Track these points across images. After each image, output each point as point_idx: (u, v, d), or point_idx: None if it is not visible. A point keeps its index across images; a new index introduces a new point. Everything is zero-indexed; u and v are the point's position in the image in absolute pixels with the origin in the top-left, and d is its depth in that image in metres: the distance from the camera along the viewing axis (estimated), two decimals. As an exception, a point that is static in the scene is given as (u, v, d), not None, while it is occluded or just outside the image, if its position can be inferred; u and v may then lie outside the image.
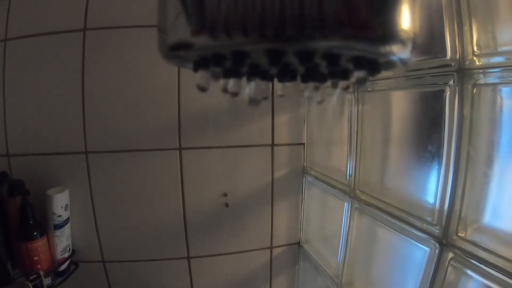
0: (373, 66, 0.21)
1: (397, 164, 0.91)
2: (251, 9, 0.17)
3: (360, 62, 0.21)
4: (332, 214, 1.17)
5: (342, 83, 0.25)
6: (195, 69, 0.24)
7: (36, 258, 1.10)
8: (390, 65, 0.22)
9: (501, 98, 0.62)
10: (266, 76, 0.23)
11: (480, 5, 0.65)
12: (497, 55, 0.63)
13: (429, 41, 0.76)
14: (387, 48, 0.19)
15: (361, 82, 0.25)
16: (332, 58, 0.20)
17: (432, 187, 0.74)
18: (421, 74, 0.78)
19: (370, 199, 0.95)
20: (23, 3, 1.18)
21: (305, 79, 0.23)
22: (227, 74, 0.22)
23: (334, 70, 0.22)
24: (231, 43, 0.18)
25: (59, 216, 1.15)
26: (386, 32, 0.19)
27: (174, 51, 0.22)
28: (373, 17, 0.19)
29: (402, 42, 0.20)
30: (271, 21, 0.17)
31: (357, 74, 0.23)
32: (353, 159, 1.02)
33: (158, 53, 0.27)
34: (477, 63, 0.65)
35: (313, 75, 0.22)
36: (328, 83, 0.24)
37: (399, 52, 0.20)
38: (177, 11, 0.21)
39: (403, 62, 0.22)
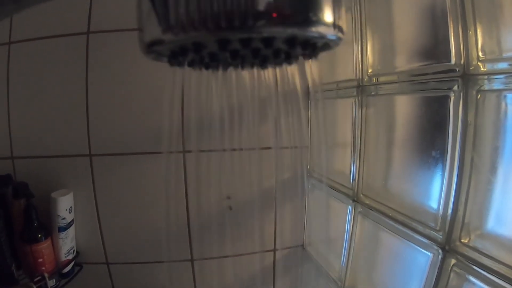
0: (307, 45, 0.27)
1: (400, 168, 0.91)
2: (202, 9, 0.22)
3: (294, 44, 0.25)
4: (336, 217, 1.16)
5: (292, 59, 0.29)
6: (169, 62, 0.30)
7: (40, 260, 1.10)
8: (318, 43, 0.28)
9: (506, 105, 0.62)
10: (226, 64, 0.28)
11: (485, 10, 0.65)
12: (502, 60, 0.62)
13: (434, 46, 0.77)
14: (311, 30, 0.24)
15: (306, 57, 0.30)
16: (268, 41, 0.24)
17: (435, 193, 0.74)
18: (425, 79, 0.78)
19: (373, 203, 0.95)
20: (27, 6, 1.19)
21: (259, 64, 0.28)
22: (192, 64, 0.29)
23: (276, 52, 0.27)
24: (190, 37, 0.23)
25: (64, 218, 1.15)
26: (308, 18, 0.23)
27: (150, 47, 0.27)
28: (297, 8, 0.23)
29: (324, 25, 0.24)
30: (216, 17, 0.22)
31: (299, 52, 0.28)
32: (356, 163, 1.02)
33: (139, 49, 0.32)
34: (482, 69, 0.64)
35: (263, 60, 0.28)
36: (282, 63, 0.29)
37: (324, 32, 0.25)
38: (149, 13, 0.26)
39: (329, 40, 0.27)
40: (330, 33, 0.25)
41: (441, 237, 0.71)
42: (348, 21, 1.05)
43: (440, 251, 0.71)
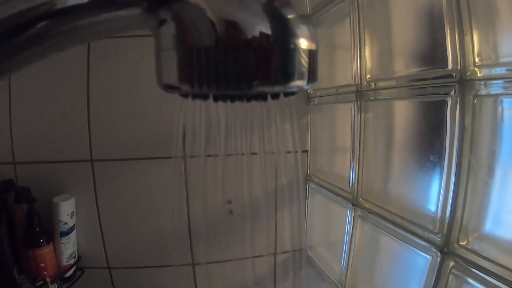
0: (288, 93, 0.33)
1: (399, 172, 0.92)
2: (213, 72, 0.28)
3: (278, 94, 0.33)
4: (336, 221, 1.17)
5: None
6: (180, 95, 0.34)
7: (42, 264, 1.11)
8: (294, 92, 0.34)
9: (502, 109, 0.63)
10: (224, 100, 0.34)
11: (481, 16, 0.66)
12: (498, 66, 0.63)
13: (431, 51, 0.77)
14: (290, 86, 0.31)
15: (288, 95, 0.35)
16: (261, 95, 0.32)
17: (433, 196, 0.74)
18: (423, 84, 0.79)
19: (372, 207, 0.96)
20: None
21: (250, 101, 0.34)
22: (201, 99, 0.34)
23: (265, 97, 0.33)
24: (202, 91, 0.29)
25: (65, 223, 1.16)
26: (289, 79, 0.30)
27: (167, 88, 0.32)
28: (279, 72, 0.30)
29: (301, 80, 0.31)
30: (223, 79, 0.28)
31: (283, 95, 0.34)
32: (356, 167, 1.03)
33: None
34: (479, 74, 0.65)
35: (255, 98, 0.34)
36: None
37: (301, 85, 0.32)
38: (170, 65, 0.31)
39: (304, 89, 0.33)
40: (305, 85, 0.32)
41: (439, 239, 0.72)
42: (346, 27, 1.06)
43: (438, 253, 0.72)
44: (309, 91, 1.33)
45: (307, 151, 1.37)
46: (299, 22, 0.30)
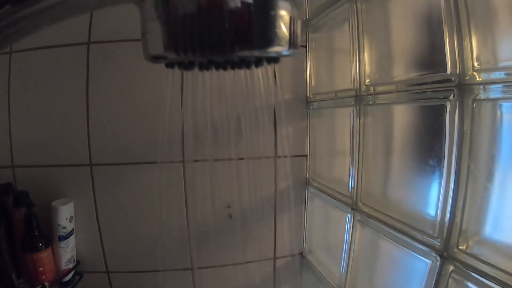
0: (270, 59, 0.35)
1: (398, 177, 0.92)
2: (197, 38, 0.29)
3: (261, 59, 0.34)
4: (335, 225, 1.17)
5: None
6: (166, 66, 0.35)
7: (41, 269, 1.11)
8: (277, 57, 0.35)
9: (501, 113, 0.63)
10: (209, 68, 0.34)
11: (480, 21, 0.66)
12: (497, 70, 0.63)
13: (430, 56, 0.78)
14: (270, 50, 0.32)
15: (271, 63, 0.37)
16: (244, 60, 0.33)
17: (433, 201, 0.75)
18: (422, 89, 0.79)
19: (372, 211, 0.96)
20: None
21: (234, 68, 0.35)
22: (187, 68, 0.34)
23: (248, 63, 0.34)
24: (187, 57, 0.31)
25: (64, 227, 1.16)
26: (268, 43, 0.32)
27: (154, 59, 0.33)
28: (259, 36, 0.31)
29: (280, 46, 0.32)
30: (207, 44, 0.30)
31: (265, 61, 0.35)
32: (355, 172, 1.03)
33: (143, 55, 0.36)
34: (477, 79, 0.65)
35: (239, 66, 0.35)
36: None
37: (281, 51, 0.33)
38: (155, 35, 0.32)
39: (286, 55, 0.34)
40: (285, 51, 0.33)
41: (439, 244, 0.72)
42: (345, 31, 1.06)
43: (438, 258, 0.72)
44: (308, 95, 1.33)
45: (306, 155, 1.37)
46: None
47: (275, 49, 0.32)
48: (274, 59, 0.35)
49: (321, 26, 1.27)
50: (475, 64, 0.66)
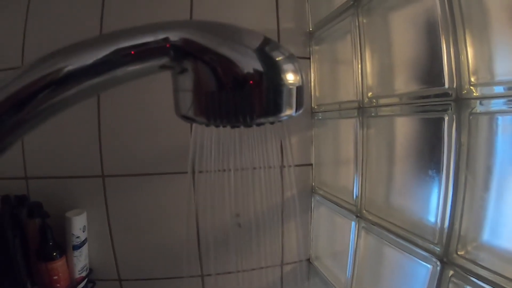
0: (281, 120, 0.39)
1: (400, 186, 0.94)
2: (222, 110, 0.35)
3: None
4: (340, 232, 1.19)
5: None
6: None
7: (55, 277, 1.14)
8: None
9: (497, 126, 0.66)
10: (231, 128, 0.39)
11: (477, 36, 0.68)
12: (493, 84, 0.66)
13: (429, 71, 0.80)
14: (282, 115, 0.37)
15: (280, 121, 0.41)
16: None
17: (433, 209, 0.77)
18: (422, 102, 0.82)
19: (376, 218, 0.98)
20: (38, 29, 1.23)
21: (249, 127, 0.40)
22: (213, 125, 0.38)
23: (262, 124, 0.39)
24: (214, 124, 0.36)
25: (78, 237, 1.19)
26: (280, 111, 0.37)
27: (184, 118, 0.38)
28: (272, 106, 0.36)
29: (290, 110, 0.38)
30: (231, 115, 0.35)
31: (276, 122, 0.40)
32: (359, 180, 1.06)
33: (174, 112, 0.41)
34: (474, 93, 0.68)
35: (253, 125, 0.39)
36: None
37: (290, 114, 0.38)
38: (187, 101, 0.37)
39: (294, 116, 0.39)
40: (294, 113, 0.38)
41: (439, 249, 0.75)
42: (347, 44, 1.09)
43: (438, 263, 0.74)
44: (313, 106, 1.36)
45: (312, 164, 1.39)
46: (286, 62, 0.37)
47: (285, 114, 0.37)
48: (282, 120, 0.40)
49: (324, 39, 1.30)
50: (472, 79, 0.68)
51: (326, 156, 1.33)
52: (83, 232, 1.22)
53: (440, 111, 0.75)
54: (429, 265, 0.78)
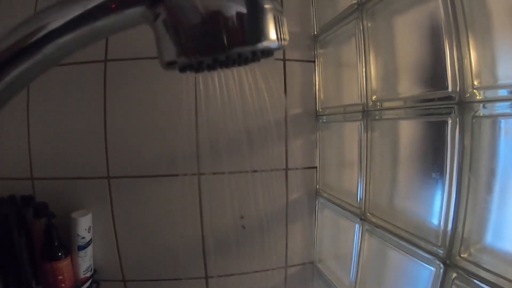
0: (263, 52, 0.40)
1: (404, 189, 0.95)
2: (202, 43, 0.36)
3: (256, 53, 0.39)
4: (344, 235, 1.20)
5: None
6: (180, 71, 0.40)
7: (60, 277, 1.15)
8: (270, 52, 0.41)
9: (500, 129, 0.66)
10: (215, 67, 0.40)
11: (480, 40, 0.69)
12: (496, 88, 0.66)
13: (432, 74, 0.81)
14: (263, 45, 0.38)
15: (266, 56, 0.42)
16: (242, 56, 0.39)
17: (436, 211, 0.77)
18: (425, 106, 0.83)
19: (379, 221, 0.99)
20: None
21: (235, 64, 0.41)
22: (197, 70, 0.40)
23: (246, 58, 0.40)
24: (196, 58, 0.37)
25: (83, 237, 1.20)
26: (259, 39, 0.37)
27: (168, 65, 0.39)
28: (251, 34, 0.37)
29: (270, 40, 0.38)
30: (209, 46, 0.36)
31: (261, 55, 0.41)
32: (363, 183, 1.06)
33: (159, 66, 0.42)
34: (478, 97, 0.68)
35: (239, 62, 0.41)
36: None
37: (271, 45, 0.38)
38: (167, 46, 0.38)
39: (276, 48, 0.40)
40: (274, 44, 0.39)
41: (442, 252, 0.75)
42: (352, 47, 1.10)
43: (441, 265, 0.74)
44: (318, 109, 1.37)
45: (316, 167, 1.40)
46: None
47: (264, 44, 0.38)
48: (267, 53, 0.41)
49: (329, 42, 1.30)
50: (475, 82, 0.69)
51: (331, 159, 1.34)
52: (88, 232, 1.22)
53: (443, 114, 0.75)
54: (432, 268, 0.78)
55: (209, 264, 1.34)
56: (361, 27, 1.04)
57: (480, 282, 0.65)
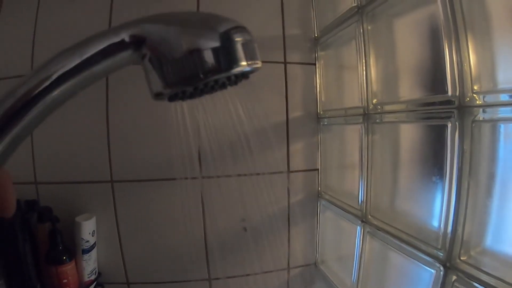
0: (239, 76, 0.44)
1: (404, 191, 0.95)
2: (181, 75, 0.39)
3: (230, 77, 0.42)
4: (346, 236, 1.20)
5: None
6: (169, 100, 0.44)
7: (65, 280, 1.16)
8: (245, 75, 0.44)
9: (499, 133, 0.67)
10: (198, 94, 0.43)
11: (479, 45, 0.69)
12: (496, 92, 0.67)
13: (432, 78, 0.81)
14: (235, 71, 0.40)
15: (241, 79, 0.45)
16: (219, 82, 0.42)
17: (436, 214, 0.78)
18: (425, 110, 0.83)
19: (380, 224, 0.99)
20: (47, 40, 1.25)
21: (214, 90, 0.44)
22: (183, 98, 0.43)
23: (223, 83, 0.43)
24: (178, 89, 0.40)
25: (87, 241, 1.21)
26: (232, 66, 0.40)
27: (156, 96, 0.42)
28: (223, 62, 0.39)
29: (242, 66, 0.40)
30: (190, 76, 0.39)
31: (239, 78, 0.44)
32: (364, 186, 1.07)
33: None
34: (477, 101, 0.69)
35: (217, 87, 0.44)
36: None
37: (243, 69, 0.41)
38: (154, 80, 0.41)
39: (250, 71, 0.43)
40: (247, 68, 0.41)
41: (442, 254, 0.76)
42: (352, 50, 1.10)
43: (441, 268, 0.75)
44: (319, 111, 1.38)
45: (318, 169, 1.40)
46: (228, 23, 0.42)
47: (236, 70, 0.41)
48: (242, 76, 0.44)
49: (329, 44, 1.31)
50: (475, 87, 0.69)
51: (332, 161, 1.34)
52: (92, 236, 1.23)
53: (443, 118, 0.76)
54: (432, 270, 0.79)
55: (212, 266, 1.34)
56: (361, 30, 1.05)
57: (480, 285, 0.66)
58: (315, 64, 1.38)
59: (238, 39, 0.41)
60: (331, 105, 1.32)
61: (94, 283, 1.26)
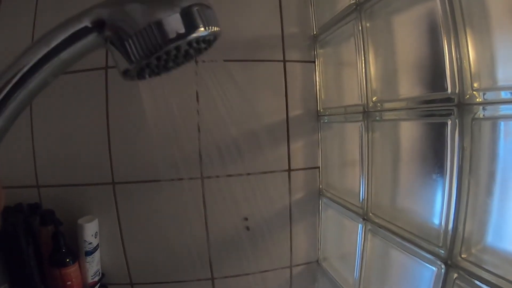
0: (199, 42, 0.44)
1: (405, 189, 0.95)
2: (142, 46, 0.40)
3: (191, 44, 0.43)
4: (348, 234, 1.21)
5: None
6: (138, 78, 0.48)
7: (69, 282, 1.16)
8: (206, 41, 0.46)
9: (499, 131, 0.67)
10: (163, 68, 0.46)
11: (479, 42, 0.69)
12: (496, 89, 0.67)
13: (432, 76, 0.81)
14: (192, 36, 0.41)
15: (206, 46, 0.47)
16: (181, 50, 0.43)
17: (437, 212, 0.78)
18: (425, 107, 0.83)
19: (382, 221, 1.00)
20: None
21: (179, 59, 0.46)
22: (151, 74, 0.47)
23: (186, 51, 0.44)
24: (142, 61, 0.41)
25: (90, 243, 1.21)
26: (190, 32, 0.41)
27: (124, 74, 0.44)
28: (178, 31, 0.41)
29: (201, 31, 0.42)
30: (150, 47, 0.40)
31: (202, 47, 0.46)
32: (365, 183, 1.07)
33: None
34: (477, 99, 0.69)
35: (188, 57, 0.46)
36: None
37: (202, 35, 0.43)
38: (120, 59, 0.42)
39: (207, 35, 0.44)
40: (204, 33, 0.43)
41: (443, 252, 0.76)
42: (351, 48, 1.10)
43: (443, 265, 0.75)
44: (319, 109, 1.38)
45: (319, 167, 1.40)
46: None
47: (193, 35, 0.42)
48: (204, 42, 0.45)
49: (328, 42, 1.31)
50: (475, 84, 0.69)
51: (333, 159, 1.34)
52: (95, 238, 1.24)
53: (443, 116, 0.76)
54: (433, 268, 0.79)
55: (215, 266, 1.35)
56: (360, 27, 1.05)
57: (481, 282, 0.66)
58: (314, 62, 1.38)
59: (194, 6, 0.42)
60: (331, 103, 1.32)
61: (98, 284, 1.27)
